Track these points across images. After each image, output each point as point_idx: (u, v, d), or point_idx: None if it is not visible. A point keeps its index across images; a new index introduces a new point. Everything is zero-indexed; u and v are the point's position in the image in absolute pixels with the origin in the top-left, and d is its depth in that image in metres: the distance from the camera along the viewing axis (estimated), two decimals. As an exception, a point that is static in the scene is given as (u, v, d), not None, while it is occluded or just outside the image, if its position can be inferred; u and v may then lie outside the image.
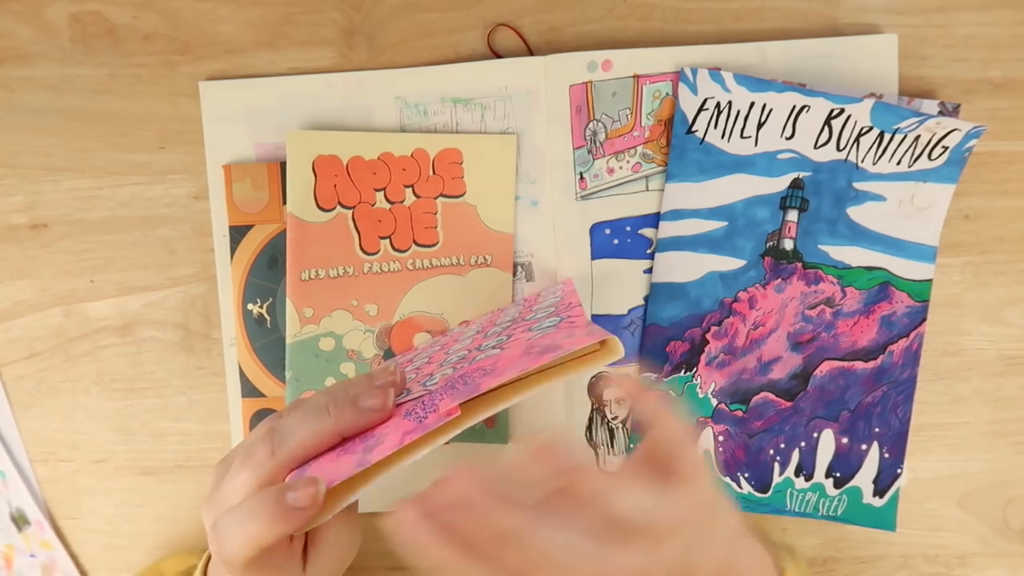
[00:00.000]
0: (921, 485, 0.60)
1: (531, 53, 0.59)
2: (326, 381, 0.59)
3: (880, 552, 0.61)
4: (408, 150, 0.58)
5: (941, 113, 0.56)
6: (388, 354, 0.60)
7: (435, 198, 0.59)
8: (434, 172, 0.58)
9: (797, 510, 0.60)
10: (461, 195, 0.59)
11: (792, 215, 0.58)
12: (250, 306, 0.60)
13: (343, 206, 0.59)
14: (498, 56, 0.59)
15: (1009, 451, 0.60)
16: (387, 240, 0.59)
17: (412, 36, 0.59)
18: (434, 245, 0.59)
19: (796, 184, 0.57)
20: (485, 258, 0.59)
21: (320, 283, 0.59)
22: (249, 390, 0.60)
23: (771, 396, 0.59)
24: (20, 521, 0.62)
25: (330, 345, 0.59)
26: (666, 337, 0.59)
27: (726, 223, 0.58)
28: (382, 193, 0.59)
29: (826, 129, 0.56)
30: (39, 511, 0.62)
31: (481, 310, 0.59)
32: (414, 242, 0.59)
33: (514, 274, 0.59)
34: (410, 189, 0.59)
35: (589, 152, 0.58)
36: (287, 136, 0.58)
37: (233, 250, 0.59)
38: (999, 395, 0.60)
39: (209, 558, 0.49)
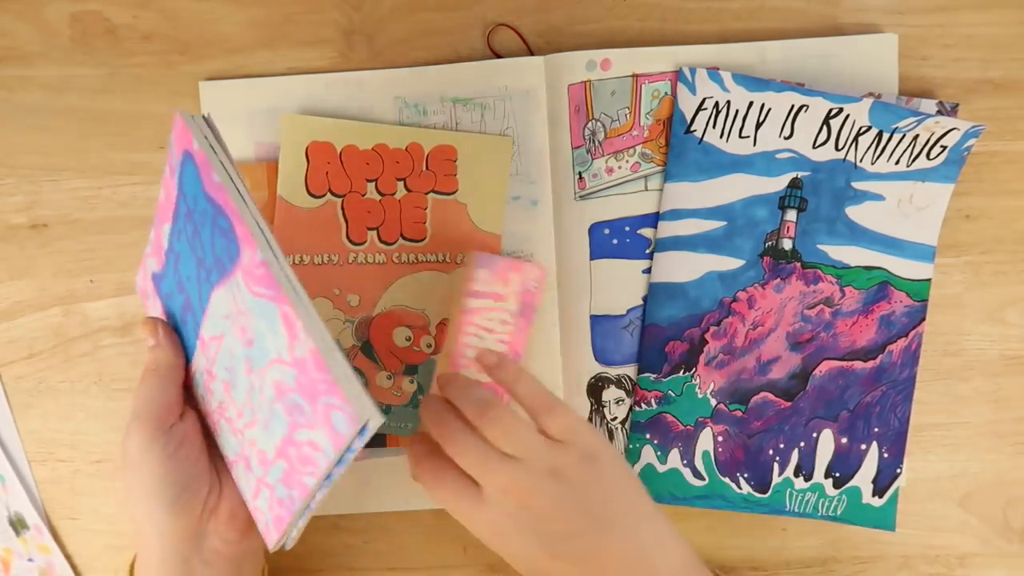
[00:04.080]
0: (921, 485, 0.60)
1: (531, 53, 0.59)
2: None
3: (880, 552, 0.61)
4: (403, 143, 0.58)
5: (940, 112, 0.56)
6: (366, 346, 0.59)
7: (426, 193, 0.59)
8: (427, 167, 0.59)
9: (796, 510, 0.60)
10: (452, 192, 0.59)
11: (791, 215, 0.58)
12: (249, 306, 0.60)
13: (333, 194, 0.59)
14: (498, 56, 0.59)
15: (1009, 451, 0.60)
16: (375, 231, 0.59)
17: (412, 36, 0.59)
18: (421, 240, 0.59)
19: (795, 184, 0.57)
20: None
21: (303, 269, 0.59)
22: (248, 390, 0.60)
23: (770, 396, 0.59)
24: (18, 525, 0.62)
25: None
26: (665, 337, 0.59)
27: (725, 223, 0.58)
28: (373, 184, 0.59)
29: (825, 129, 0.56)
30: (37, 515, 0.62)
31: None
32: (401, 235, 0.59)
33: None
34: (402, 183, 0.59)
35: (588, 152, 0.58)
36: (281, 119, 0.58)
37: (232, 250, 0.59)
38: (999, 395, 0.60)
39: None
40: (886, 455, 0.59)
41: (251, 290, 0.37)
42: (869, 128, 0.56)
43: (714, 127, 0.57)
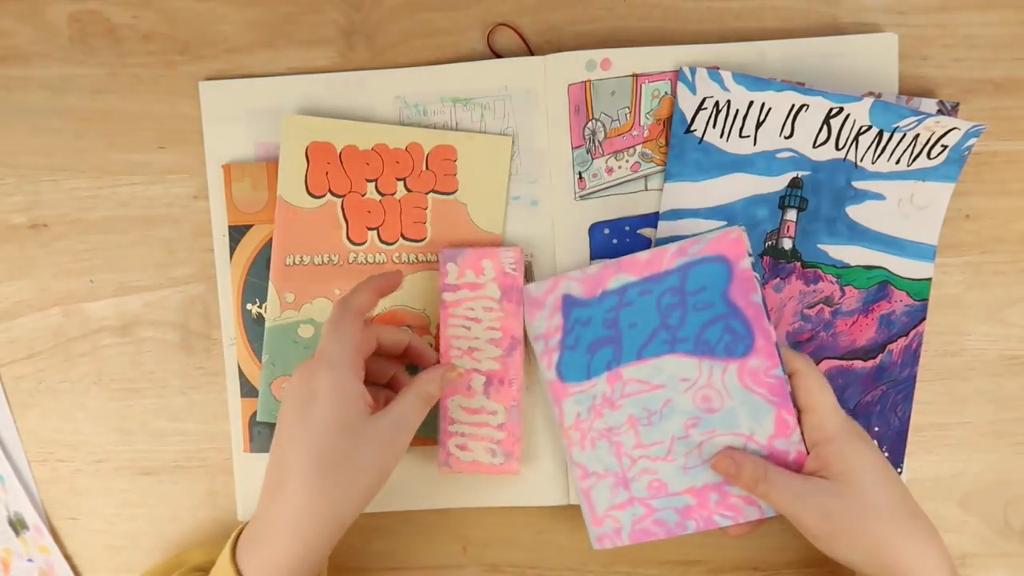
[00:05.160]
0: (921, 485, 0.60)
1: (531, 53, 0.59)
2: None
3: (880, 552, 0.61)
4: (403, 143, 0.58)
5: (940, 112, 0.56)
6: None
7: (426, 193, 0.59)
8: (427, 167, 0.58)
9: (797, 510, 0.60)
10: (453, 192, 0.59)
11: (791, 214, 0.58)
12: (249, 306, 0.60)
13: (333, 194, 0.59)
14: (498, 56, 0.59)
15: (1009, 451, 0.60)
16: (375, 232, 0.59)
17: (412, 36, 0.59)
18: (422, 240, 0.59)
19: (795, 183, 0.57)
20: None
21: (304, 269, 0.59)
22: (249, 390, 0.60)
23: (771, 396, 0.59)
24: (18, 526, 0.62)
25: (309, 332, 0.59)
26: (665, 337, 0.59)
27: (725, 223, 0.58)
28: (373, 184, 0.59)
29: (825, 128, 0.56)
30: (37, 516, 0.62)
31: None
32: (402, 236, 0.59)
33: (513, 274, 0.59)
34: (402, 183, 0.59)
35: (588, 152, 0.58)
36: (283, 119, 0.58)
37: (232, 250, 0.59)
38: (1000, 395, 0.60)
39: (238, 535, 0.49)
40: (886, 454, 0.58)
41: (744, 384, 0.52)
42: (869, 127, 0.56)
43: (714, 127, 0.57)
